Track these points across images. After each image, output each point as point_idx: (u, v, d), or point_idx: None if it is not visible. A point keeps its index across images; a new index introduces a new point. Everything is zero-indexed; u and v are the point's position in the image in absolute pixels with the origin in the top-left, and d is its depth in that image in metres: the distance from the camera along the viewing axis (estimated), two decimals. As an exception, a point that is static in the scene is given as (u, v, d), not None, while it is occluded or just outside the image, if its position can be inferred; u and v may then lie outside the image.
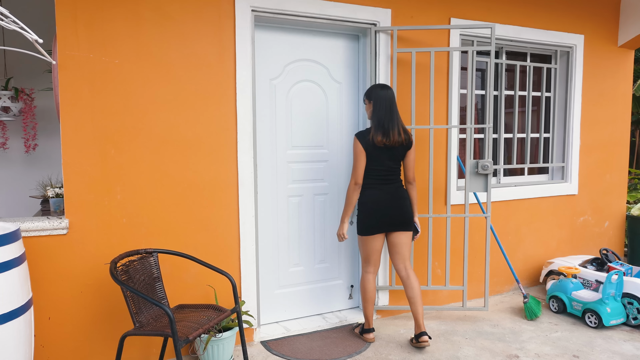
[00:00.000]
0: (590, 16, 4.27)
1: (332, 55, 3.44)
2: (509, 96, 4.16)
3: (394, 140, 2.87)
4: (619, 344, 3.12)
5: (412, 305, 2.99)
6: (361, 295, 3.10)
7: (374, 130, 2.88)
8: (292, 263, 3.43)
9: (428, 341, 2.95)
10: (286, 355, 2.94)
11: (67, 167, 2.61)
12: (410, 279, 3.01)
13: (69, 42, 2.57)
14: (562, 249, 4.38)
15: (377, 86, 2.96)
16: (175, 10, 2.79)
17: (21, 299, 2.10)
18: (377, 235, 2.98)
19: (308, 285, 3.52)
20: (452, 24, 3.60)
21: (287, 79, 3.31)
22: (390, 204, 2.94)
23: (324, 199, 3.50)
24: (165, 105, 2.80)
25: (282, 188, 3.36)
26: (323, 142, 3.47)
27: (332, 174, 3.52)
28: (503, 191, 3.97)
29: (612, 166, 4.58)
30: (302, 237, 3.45)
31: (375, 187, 2.95)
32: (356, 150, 2.90)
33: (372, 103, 2.93)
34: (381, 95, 2.89)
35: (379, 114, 2.89)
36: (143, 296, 2.14)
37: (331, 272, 3.59)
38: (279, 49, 3.27)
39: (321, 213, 3.50)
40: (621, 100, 4.56)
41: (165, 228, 2.85)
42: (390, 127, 2.87)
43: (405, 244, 3.02)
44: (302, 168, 3.42)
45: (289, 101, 3.33)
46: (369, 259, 3.03)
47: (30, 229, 2.52)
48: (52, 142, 4.31)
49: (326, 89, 3.44)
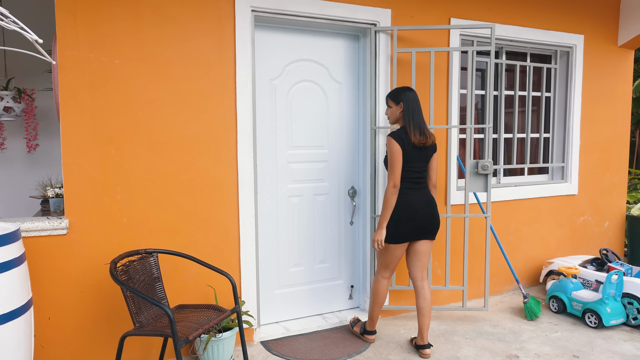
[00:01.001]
0: (590, 16, 4.27)
1: (332, 56, 3.44)
2: (509, 96, 4.16)
3: (429, 140, 2.87)
4: (619, 344, 3.12)
5: (421, 317, 2.94)
6: (371, 298, 3.06)
7: (412, 130, 2.84)
8: (292, 263, 3.43)
9: (430, 355, 2.94)
10: (286, 356, 2.94)
11: (67, 167, 2.61)
12: (425, 289, 2.95)
13: (69, 42, 2.57)
14: (562, 249, 4.38)
15: (403, 89, 2.93)
16: (175, 10, 2.78)
17: (21, 299, 2.10)
18: (405, 244, 2.92)
19: (308, 285, 3.52)
20: (452, 24, 3.60)
21: (287, 79, 3.31)
22: (425, 211, 2.88)
23: (324, 199, 3.50)
24: (165, 105, 2.80)
25: (282, 188, 3.36)
26: (323, 142, 3.47)
27: (332, 174, 3.52)
28: (503, 191, 3.97)
29: (612, 166, 4.58)
30: (302, 237, 3.45)
31: (409, 192, 2.87)
32: (394, 150, 2.81)
33: (403, 104, 2.89)
34: (410, 97, 2.89)
35: (412, 114, 2.87)
36: (143, 296, 2.14)
37: (331, 272, 3.59)
38: (279, 49, 3.27)
39: (321, 213, 3.50)
40: (621, 100, 4.56)
41: (165, 228, 2.84)
42: (424, 127, 2.87)
43: (427, 252, 2.96)
44: (302, 168, 3.42)
45: (289, 101, 3.33)
46: (389, 266, 2.96)
47: (30, 229, 2.52)
48: (52, 142, 4.30)
49: (326, 89, 3.44)
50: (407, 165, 2.85)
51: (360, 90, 3.54)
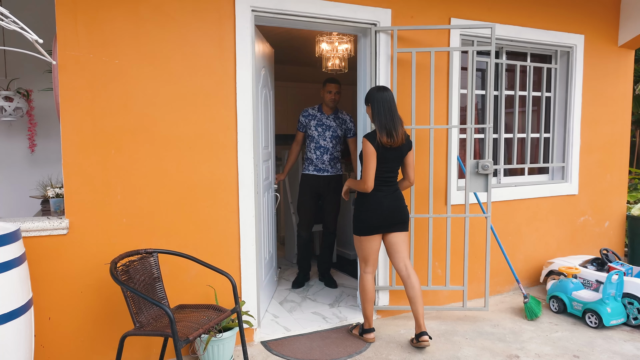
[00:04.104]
0: (590, 16, 4.27)
1: (332, 55, 3.44)
2: (509, 96, 4.16)
3: (398, 141, 2.88)
4: (619, 344, 3.12)
5: (413, 305, 2.99)
6: (360, 296, 3.10)
7: (378, 131, 2.87)
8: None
9: (428, 341, 2.95)
10: (286, 356, 2.94)
11: (67, 167, 2.61)
12: (411, 278, 3.00)
13: (69, 42, 2.57)
14: (563, 249, 4.38)
15: (374, 89, 2.96)
16: (175, 10, 2.78)
17: (21, 299, 2.10)
18: (376, 236, 2.99)
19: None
20: (452, 24, 3.60)
21: (287, 79, 3.31)
22: (390, 204, 2.96)
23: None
24: (165, 105, 2.80)
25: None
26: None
27: (332, 174, 3.51)
28: (503, 191, 3.97)
29: (613, 166, 4.58)
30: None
31: (378, 189, 2.95)
32: (368, 151, 2.87)
33: (371, 106, 2.93)
34: (378, 97, 2.90)
35: (379, 115, 2.89)
36: (143, 296, 2.14)
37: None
38: (279, 49, 3.27)
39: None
40: (621, 100, 4.56)
41: (166, 228, 2.84)
42: (393, 128, 2.87)
43: (403, 242, 3.03)
44: (302, 168, 3.41)
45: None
46: (368, 259, 3.04)
47: (30, 229, 2.52)
48: (52, 142, 4.30)
49: (326, 89, 3.44)
50: (380, 166, 2.91)
51: (360, 90, 3.54)
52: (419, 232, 3.62)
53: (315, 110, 4.14)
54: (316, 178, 4.11)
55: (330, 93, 4.03)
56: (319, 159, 4.07)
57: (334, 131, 4.05)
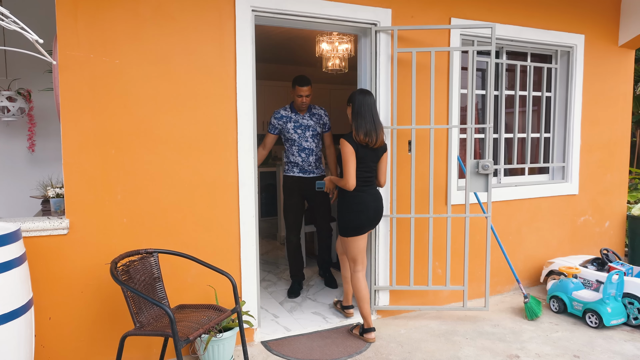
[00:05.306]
0: (590, 16, 4.27)
1: (332, 55, 3.44)
2: (509, 96, 4.16)
3: (377, 143, 3.00)
4: (619, 344, 3.12)
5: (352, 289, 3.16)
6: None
7: (355, 131, 2.97)
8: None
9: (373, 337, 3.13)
10: (286, 355, 2.94)
11: (67, 167, 2.61)
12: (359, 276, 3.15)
13: (70, 42, 2.57)
14: (563, 249, 4.38)
15: (358, 91, 3.09)
16: (175, 10, 2.78)
17: (22, 299, 2.10)
18: (364, 235, 3.09)
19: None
20: (453, 23, 3.60)
21: (287, 79, 3.31)
22: (374, 205, 3.08)
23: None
24: (165, 105, 2.80)
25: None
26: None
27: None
28: (503, 191, 3.97)
29: (613, 166, 4.58)
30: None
31: (360, 189, 3.04)
32: (347, 151, 2.96)
33: (352, 106, 3.04)
34: (360, 99, 3.03)
35: (358, 115, 3.00)
36: (143, 296, 2.14)
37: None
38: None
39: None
40: (622, 100, 4.55)
41: (166, 228, 2.84)
42: (373, 130, 2.99)
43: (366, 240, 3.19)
44: (302, 168, 3.41)
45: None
46: (357, 258, 3.10)
47: (30, 229, 2.52)
48: (52, 142, 4.30)
49: (326, 89, 3.43)
50: (360, 165, 3.00)
51: (360, 90, 3.54)
52: (419, 232, 3.62)
53: (288, 110, 3.87)
54: (302, 180, 3.95)
55: (301, 97, 3.75)
56: (305, 161, 3.89)
57: (313, 130, 3.87)
